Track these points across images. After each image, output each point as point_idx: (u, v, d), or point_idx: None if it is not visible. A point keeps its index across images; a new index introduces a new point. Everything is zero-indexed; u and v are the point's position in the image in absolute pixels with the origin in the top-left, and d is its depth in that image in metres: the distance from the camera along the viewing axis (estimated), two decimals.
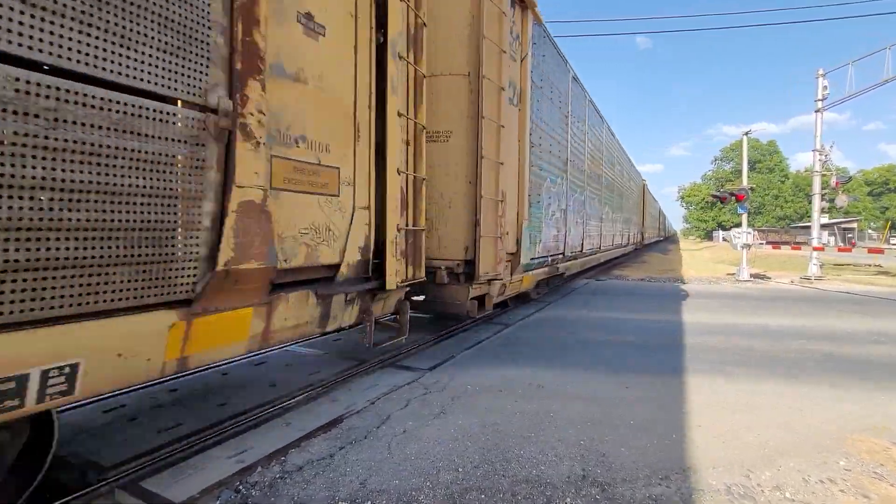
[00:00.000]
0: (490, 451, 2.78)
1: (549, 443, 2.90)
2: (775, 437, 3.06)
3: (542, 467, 2.60)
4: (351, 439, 2.93)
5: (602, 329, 6.46)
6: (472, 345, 5.44)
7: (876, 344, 5.71)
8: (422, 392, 3.81)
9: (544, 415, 3.35)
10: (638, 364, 4.73)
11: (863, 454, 2.83)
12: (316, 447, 2.83)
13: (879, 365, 4.81)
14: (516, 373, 4.35)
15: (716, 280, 13.67)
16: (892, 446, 2.94)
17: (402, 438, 2.95)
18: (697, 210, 68.09)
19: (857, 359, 5.03)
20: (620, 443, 2.92)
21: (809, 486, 2.48)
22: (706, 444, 2.93)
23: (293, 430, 3.06)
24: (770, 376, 4.38)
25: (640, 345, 5.56)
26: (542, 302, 8.89)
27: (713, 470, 2.61)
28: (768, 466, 2.66)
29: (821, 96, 14.00)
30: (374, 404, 3.53)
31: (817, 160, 14.12)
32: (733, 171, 63.34)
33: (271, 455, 2.70)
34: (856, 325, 6.97)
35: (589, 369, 4.52)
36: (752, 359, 4.99)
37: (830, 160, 14.25)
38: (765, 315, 7.78)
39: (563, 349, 5.31)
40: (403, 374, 4.29)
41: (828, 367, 4.69)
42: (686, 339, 5.92)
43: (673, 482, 2.48)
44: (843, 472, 2.62)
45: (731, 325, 6.89)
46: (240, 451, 2.75)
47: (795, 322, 7.15)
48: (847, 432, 3.14)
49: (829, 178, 14.22)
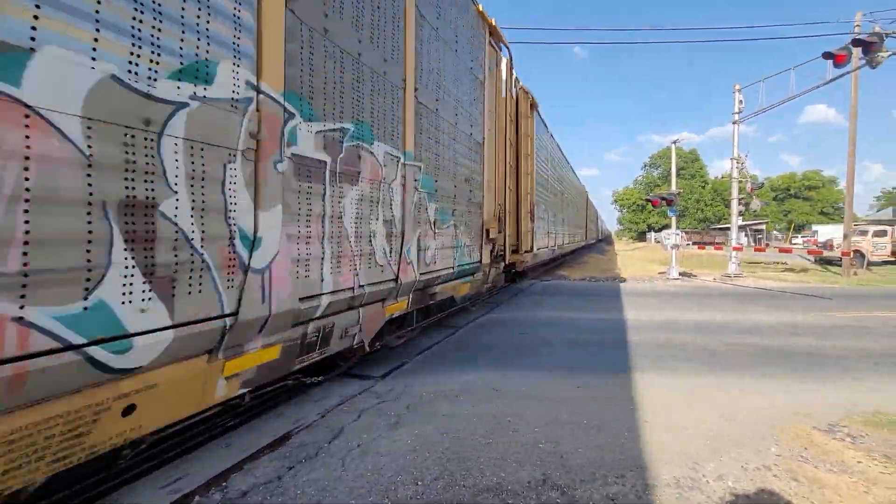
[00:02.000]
0: (450, 461, 2.70)
1: (509, 448, 2.87)
2: (717, 427, 3.24)
3: (502, 474, 2.56)
4: (301, 458, 2.73)
5: (552, 328, 6.61)
6: (424, 349, 5.35)
7: (794, 336, 6.30)
8: (375, 401, 3.66)
9: (502, 418, 3.33)
10: (588, 363, 4.87)
11: (790, 440, 3.06)
12: (261, 469, 2.60)
13: (798, 355, 5.30)
14: (471, 377, 4.31)
15: (649, 279, 14.56)
16: (814, 431, 3.22)
17: (357, 453, 2.79)
18: (630, 212, 72.52)
19: (781, 350, 5.52)
20: (577, 443, 2.96)
21: (748, 473, 2.64)
22: (656, 438, 3.04)
23: (234, 452, 2.80)
24: (709, 370, 4.68)
25: (589, 343, 5.74)
26: (491, 303, 8.97)
27: (664, 465, 2.71)
28: (712, 457, 2.81)
29: (737, 109, 15.37)
30: (325, 417, 3.33)
31: (735, 168, 15.47)
32: (661, 177, 68.16)
33: (210, 482, 2.45)
34: (774, 318, 7.68)
35: (543, 370, 4.58)
36: (692, 353, 5.31)
37: (746, 168, 15.67)
38: (697, 311, 8.36)
39: (515, 350, 5.36)
40: (354, 384, 4.10)
41: (758, 359, 5.10)
42: (631, 335, 6.20)
43: (628, 480, 2.53)
44: (776, 458, 2.81)
45: (670, 321, 7.32)
46: (174, 478, 2.47)
47: (725, 317, 7.75)
48: (777, 420, 3.39)
49: (745, 184, 15.62)
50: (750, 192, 15.51)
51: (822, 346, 5.68)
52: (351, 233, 3.36)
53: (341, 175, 3.25)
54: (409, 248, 4.26)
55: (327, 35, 3.10)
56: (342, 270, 3.26)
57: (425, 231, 4.68)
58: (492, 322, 7.08)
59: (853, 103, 15.33)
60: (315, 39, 2.99)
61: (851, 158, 15.36)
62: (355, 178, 3.42)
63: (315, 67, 2.98)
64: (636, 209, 70.43)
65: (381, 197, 3.79)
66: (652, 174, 72.68)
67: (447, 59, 5.23)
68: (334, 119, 3.18)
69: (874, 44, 9.32)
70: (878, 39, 9.36)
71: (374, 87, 3.69)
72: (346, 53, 3.32)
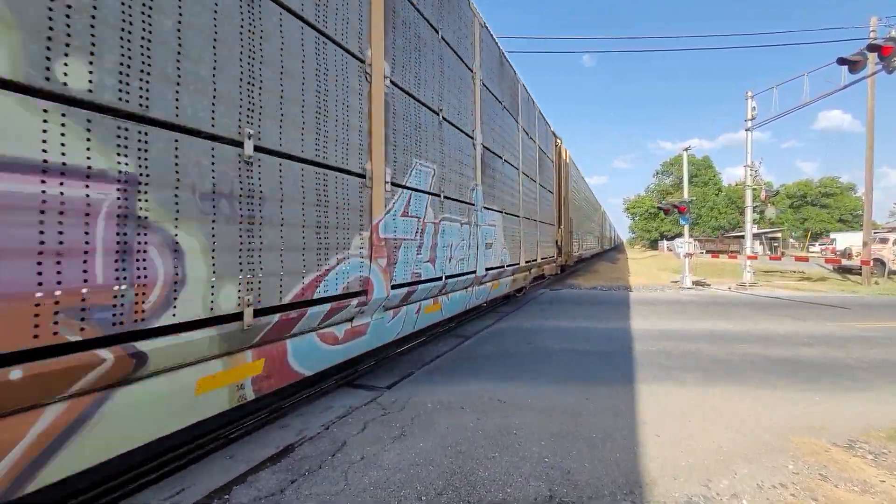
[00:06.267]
0: (454, 475, 2.65)
1: (514, 462, 2.82)
2: (729, 441, 3.14)
3: (508, 489, 2.51)
4: (303, 470, 2.71)
5: (559, 338, 6.52)
6: (432, 359, 5.31)
7: (807, 346, 6.13)
8: (380, 413, 3.63)
9: (508, 431, 3.27)
10: (596, 373, 4.78)
11: (807, 456, 2.95)
12: (264, 482, 2.58)
13: (812, 365, 5.14)
14: (477, 387, 4.26)
15: (661, 287, 14.34)
16: (832, 447, 3.10)
17: (360, 466, 2.76)
18: (642, 220, 71.83)
19: (794, 360, 5.36)
20: (584, 457, 2.89)
21: (764, 492, 2.54)
22: (666, 453, 2.95)
23: (237, 463, 2.79)
24: (719, 380, 4.56)
25: (596, 353, 5.65)
26: (499, 312, 8.90)
27: (674, 481, 2.62)
28: (725, 474, 2.71)
29: (750, 116, 15.18)
30: (329, 429, 3.31)
31: (748, 175, 15.25)
32: (673, 184, 67.49)
33: (212, 494, 2.43)
34: (788, 328, 7.48)
35: (549, 380, 4.51)
36: (702, 364, 5.19)
37: (760, 175, 15.44)
38: (709, 320, 8.19)
39: (522, 360, 5.29)
40: (360, 394, 4.08)
41: (769, 370, 4.96)
42: (639, 345, 6.09)
43: (637, 497, 2.45)
44: (793, 476, 2.71)
45: (680, 330, 7.18)
46: (176, 491, 2.46)
47: (737, 327, 7.57)
48: (792, 434, 3.28)
49: (759, 191, 15.37)
50: (764, 200, 15.25)
51: (839, 358, 5.50)
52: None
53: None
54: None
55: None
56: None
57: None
58: (499, 332, 7.01)
59: (870, 109, 15.05)
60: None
61: (869, 164, 15.04)
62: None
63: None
64: (648, 217, 69.77)
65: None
66: (664, 182, 72.05)
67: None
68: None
69: (890, 48, 9.16)
70: (894, 44, 9.19)
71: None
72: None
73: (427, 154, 4.61)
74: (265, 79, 2.56)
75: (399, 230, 4.01)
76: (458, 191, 5.43)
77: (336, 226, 3.12)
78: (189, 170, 2.11)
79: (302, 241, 2.80)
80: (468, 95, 5.88)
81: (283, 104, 2.69)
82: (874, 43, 9.58)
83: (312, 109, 2.94)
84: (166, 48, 2.02)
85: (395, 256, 3.91)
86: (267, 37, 2.58)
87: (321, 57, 3.02)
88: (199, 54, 2.17)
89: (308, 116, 2.90)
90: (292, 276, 2.72)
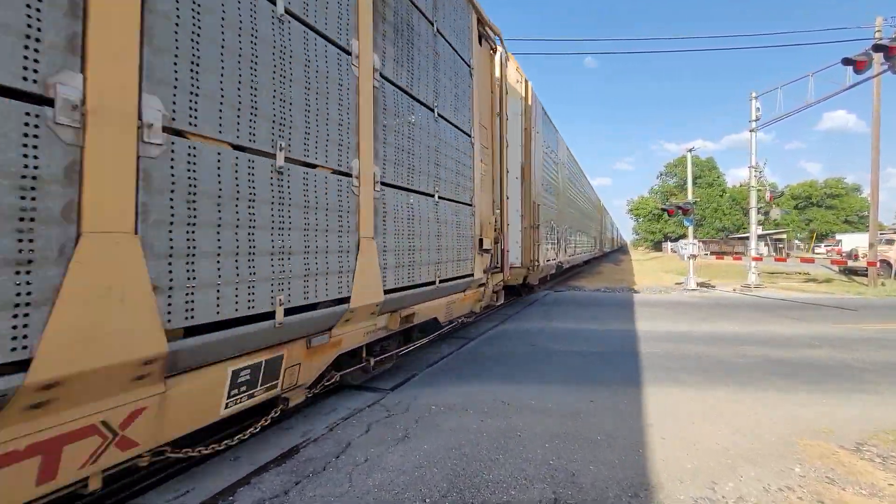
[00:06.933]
0: (458, 477, 2.65)
1: (518, 464, 2.81)
2: (734, 444, 3.12)
3: (512, 492, 2.50)
4: (308, 472, 2.71)
5: (563, 340, 6.51)
6: (435, 361, 5.31)
7: (812, 348, 6.09)
8: (384, 415, 3.63)
9: (511, 433, 3.26)
10: (600, 375, 4.76)
11: (814, 459, 2.93)
12: (268, 483, 2.59)
13: (818, 367, 5.11)
14: (480, 389, 4.26)
15: (665, 289, 14.29)
16: (840, 450, 3.07)
17: (364, 468, 2.76)
18: (646, 222, 71.59)
19: (799, 362, 5.33)
20: (588, 460, 2.87)
21: (770, 495, 2.52)
22: (671, 455, 2.94)
23: (242, 465, 2.80)
24: (724, 383, 4.53)
25: (600, 354, 5.63)
26: (504, 314, 8.90)
27: (680, 483, 2.61)
28: (731, 476, 2.69)
29: (754, 117, 15.12)
30: (333, 431, 3.31)
31: (753, 176, 15.18)
32: (677, 186, 67.26)
33: (216, 496, 2.44)
34: (793, 330, 7.43)
35: (553, 382, 4.49)
36: (707, 366, 5.16)
37: (764, 176, 15.37)
38: (714, 322, 8.15)
39: (525, 362, 5.28)
40: (364, 396, 4.08)
41: (774, 372, 4.92)
42: (644, 347, 6.06)
43: (643, 500, 2.44)
44: (799, 479, 2.69)
45: (685, 332, 7.15)
46: (180, 493, 2.47)
47: (742, 329, 7.53)
48: (798, 436, 3.26)
49: (764, 192, 15.30)
50: (769, 201, 15.18)
51: (845, 360, 5.46)
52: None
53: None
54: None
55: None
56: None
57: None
58: (503, 333, 7.00)
59: (875, 109, 14.96)
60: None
61: (875, 165, 14.94)
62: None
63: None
64: (652, 218, 69.54)
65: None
66: (668, 183, 71.83)
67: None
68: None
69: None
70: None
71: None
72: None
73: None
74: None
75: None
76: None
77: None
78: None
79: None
80: None
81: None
82: (880, 43, 9.53)
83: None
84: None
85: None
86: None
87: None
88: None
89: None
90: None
